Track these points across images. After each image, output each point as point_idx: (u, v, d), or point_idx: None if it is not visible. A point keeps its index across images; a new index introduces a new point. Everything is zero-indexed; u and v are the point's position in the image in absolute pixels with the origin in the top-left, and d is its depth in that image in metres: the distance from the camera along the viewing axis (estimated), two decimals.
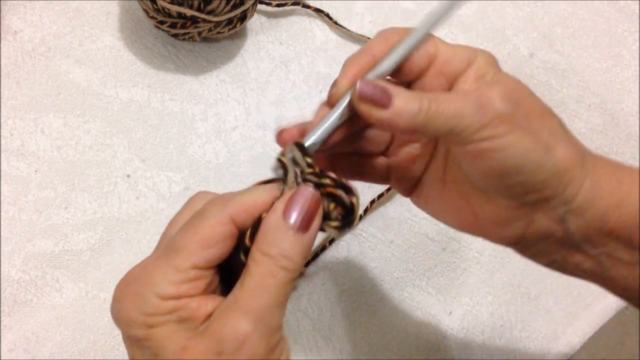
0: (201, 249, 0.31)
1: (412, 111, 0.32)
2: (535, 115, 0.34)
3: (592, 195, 0.34)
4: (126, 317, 0.31)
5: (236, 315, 0.29)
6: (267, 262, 0.30)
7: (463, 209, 0.37)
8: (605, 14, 0.69)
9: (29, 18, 0.60)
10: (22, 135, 0.56)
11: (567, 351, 0.56)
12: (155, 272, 0.31)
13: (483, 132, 0.32)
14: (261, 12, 0.64)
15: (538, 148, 0.33)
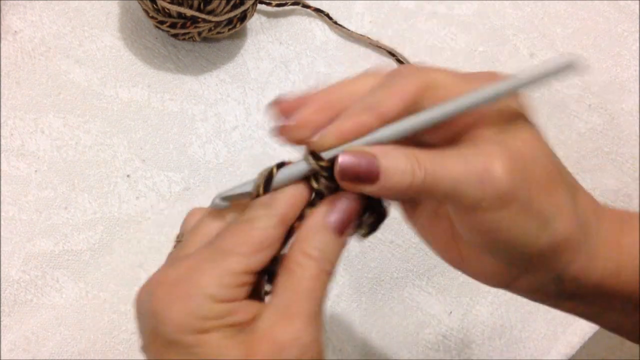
0: (254, 252, 0.30)
1: (404, 185, 0.30)
2: (541, 184, 0.31)
3: (586, 266, 0.33)
4: (176, 321, 0.29)
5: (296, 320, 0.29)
6: (312, 264, 0.30)
7: (452, 249, 0.36)
8: (605, 14, 0.69)
9: (29, 18, 0.60)
10: (22, 135, 0.56)
11: (567, 351, 0.56)
12: (205, 274, 0.30)
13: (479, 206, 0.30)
14: (261, 12, 0.64)
15: (534, 225, 0.31)
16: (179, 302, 0.30)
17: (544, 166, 0.32)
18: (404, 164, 0.29)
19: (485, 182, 0.30)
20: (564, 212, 0.32)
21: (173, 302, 0.30)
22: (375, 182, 0.30)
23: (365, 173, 0.29)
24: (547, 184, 0.32)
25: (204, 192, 0.56)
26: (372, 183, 0.30)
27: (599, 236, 0.33)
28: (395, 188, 0.30)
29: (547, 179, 0.32)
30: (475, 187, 0.30)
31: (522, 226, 0.31)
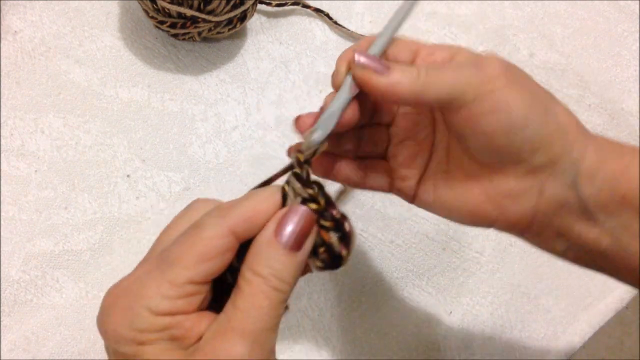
0: (198, 262, 0.29)
1: (411, 77, 0.33)
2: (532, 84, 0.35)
3: (598, 158, 0.34)
4: (114, 332, 0.29)
5: (230, 337, 0.28)
6: (259, 282, 0.29)
7: (472, 190, 0.37)
8: (605, 14, 0.69)
9: (29, 18, 0.60)
10: (22, 135, 0.56)
11: (567, 351, 0.56)
12: (148, 285, 0.30)
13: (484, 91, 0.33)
14: (261, 12, 0.64)
15: (539, 105, 0.34)
16: (119, 314, 0.30)
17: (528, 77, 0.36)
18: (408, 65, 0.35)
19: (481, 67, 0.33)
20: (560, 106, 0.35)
21: (114, 314, 0.30)
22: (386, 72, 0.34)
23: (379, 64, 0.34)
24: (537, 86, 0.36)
25: (204, 192, 0.56)
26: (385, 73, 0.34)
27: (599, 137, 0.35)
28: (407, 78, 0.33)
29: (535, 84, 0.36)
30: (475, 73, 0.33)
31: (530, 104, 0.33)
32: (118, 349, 0.30)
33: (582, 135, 0.35)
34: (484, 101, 0.33)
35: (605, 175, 0.34)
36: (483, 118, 0.33)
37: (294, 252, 0.30)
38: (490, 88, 0.33)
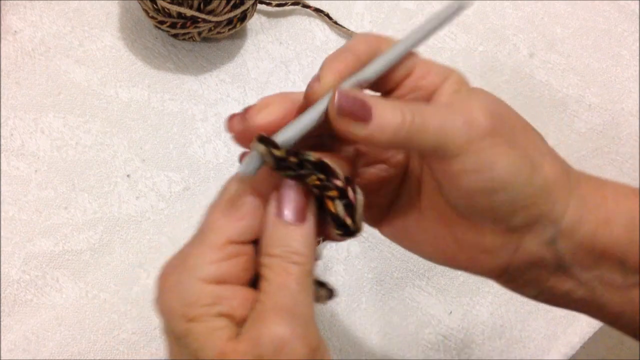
0: (230, 222, 0.30)
1: (395, 125, 0.30)
2: (519, 129, 0.33)
3: (579, 213, 0.33)
4: (167, 309, 0.30)
5: (269, 317, 0.29)
6: (277, 262, 0.30)
7: (445, 238, 0.35)
8: (605, 14, 0.69)
9: (29, 18, 0.60)
10: (22, 135, 0.56)
11: (567, 351, 0.56)
12: (191, 255, 0.30)
13: (469, 148, 0.31)
14: (261, 12, 0.64)
15: (525, 163, 0.32)
16: (170, 290, 0.30)
17: (516, 115, 0.34)
18: (392, 105, 0.31)
19: (471, 121, 0.31)
20: (547, 157, 0.33)
21: (165, 291, 0.30)
22: (369, 120, 0.30)
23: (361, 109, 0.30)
24: (524, 128, 0.34)
25: (204, 192, 0.56)
26: (366, 121, 0.30)
27: (582, 184, 0.34)
28: (390, 126, 0.30)
29: (523, 125, 0.34)
30: (462, 126, 0.31)
31: (512, 164, 0.31)
32: (172, 329, 0.30)
33: (566, 189, 0.33)
34: (467, 158, 0.31)
35: (585, 231, 0.33)
36: (464, 176, 0.32)
37: (301, 224, 0.31)
38: (476, 148, 0.31)
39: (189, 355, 0.29)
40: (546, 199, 0.32)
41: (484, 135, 0.31)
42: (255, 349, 0.28)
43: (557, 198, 0.33)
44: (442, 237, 0.36)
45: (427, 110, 0.31)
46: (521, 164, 0.32)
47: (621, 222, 0.33)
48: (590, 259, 0.33)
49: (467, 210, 0.33)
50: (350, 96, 0.31)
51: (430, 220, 0.36)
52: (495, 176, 0.31)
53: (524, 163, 0.32)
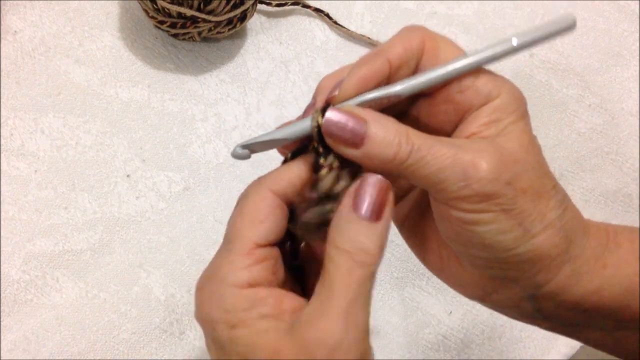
0: (253, 227, 0.30)
1: (385, 158, 0.29)
2: (528, 194, 0.30)
3: (567, 283, 0.32)
4: (208, 318, 0.30)
5: (326, 318, 0.28)
6: (345, 259, 0.29)
7: (433, 251, 0.35)
8: (605, 13, 0.69)
9: (29, 18, 0.60)
10: (22, 135, 0.56)
11: (567, 351, 0.56)
12: (222, 266, 0.30)
13: (460, 203, 0.30)
14: (261, 12, 0.64)
15: (514, 231, 0.30)
16: (208, 300, 0.30)
17: (535, 174, 0.31)
18: (392, 134, 0.29)
19: (468, 177, 0.29)
20: (548, 224, 0.31)
21: (206, 301, 0.30)
22: (360, 146, 0.29)
23: (350, 134, 0.29)
24: (535, 192, 0.31)
25: (204, 192, 0.56)
26: (356, 147, 0.29)
27: (583, 254, 0.32)
28: (379, 157, 0.29)
29: (537, 186, 0.31)
30: (457, 179, 0.29)
31: (501, 230, 0.30)
32: (215, 337, 0.30)
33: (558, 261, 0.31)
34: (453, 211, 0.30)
35: (569, 297, 0.32)
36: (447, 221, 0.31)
37: (375, 223, 0.29)
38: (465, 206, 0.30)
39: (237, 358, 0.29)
40: (528, 268, 0.31)
41: (479, 196, 0.29)
42: (309, 349, 0.28)
43: (542, 268, 0.31)
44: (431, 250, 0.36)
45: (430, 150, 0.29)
46: (509, 230, 0.30)
47: (615, 290, 0.32)
48: (571, 315, 0.33)
49: (450, 244, 0.33)
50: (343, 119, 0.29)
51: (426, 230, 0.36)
52: (477, 234, 0.30)
53: (513, 230, 0.30)
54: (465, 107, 0.31)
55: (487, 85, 0.31)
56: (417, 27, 0.32)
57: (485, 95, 0.31)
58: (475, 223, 0.30)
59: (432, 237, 0.36)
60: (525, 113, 0.32)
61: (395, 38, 0.31)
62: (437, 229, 0.34)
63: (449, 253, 0.35)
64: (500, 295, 0.34)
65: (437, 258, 0.36)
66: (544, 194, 0.31)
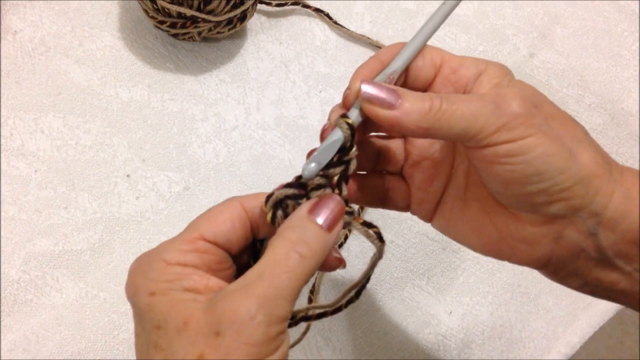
0: (207, 222, 0.32)
1: (422, 110, 0.32)
2: (557, 119, 0.32)
3: (624, 206, 0.32)
4: (133, 286, 0.31)
5: (239, 297, 0.29)
6: (284, 245, 0.30)
7: (486, 228, 0.36)
8: (605, 13, 0.69)
9: (29, 18, 0.60)
10: (22, 135, 0.56)
11: (567, 351, 0.56)
12: (165, 245, 0.32)
13: (500, 135, 0.31)
14: (261, 12, 0.64)
15: (560, 152, 0.31)
16: (137, 270, 0.32)
17: (555, 107, 0.33)
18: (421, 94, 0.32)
19: (502, 107, 0.31)
20: (586, 144, 0.33)
21: (135, 271, 0.32)
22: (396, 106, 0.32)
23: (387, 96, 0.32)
24: (561, 118, 0.33)
25: (204, 192, 0.56)
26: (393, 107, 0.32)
27: (626, 179, 0.33)
28: (417, 111, 0.32)
29: (560, 114, 0.33)
30: (492, 113, 0.31)
31: (548, 152, 0.31)
32: (136, 304, 0.31)
33: (608, 179, 0.32)
34: (498, 147, 0.31)
35: (629, 224, 0.32)
36: (497, 163, 0.32)
37: (326, 232, 0.31)
38: (507, 136, 0.31)
39: (150, 328, 0.30)
40: (585, 189, 0.32)
41: (516, 122, 0.31)
42: (217, 319, 0.29)
43: (598, 189, 0.32)
44: (484, 227, 0.36)
45: (457, 97, 0.32)
46: (556, 151, 0.31)
47: None
48: (634, 250, 0.33)
49: (505, 199, 0.34)
50: (376, 84, 0.33)
51: (474, 211, 0.37)
52: (527, 165, 0.31)
53: (559, 151, 0.31)
54: (463, 83, 0.35)
55: (473, 62, 0.35)
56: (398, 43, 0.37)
57: (474, 68, 0.35)
58: (523, 151, 0.31)
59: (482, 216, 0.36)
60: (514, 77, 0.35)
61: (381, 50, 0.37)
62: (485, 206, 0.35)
63: (505, 219, 0.35)
64: (566, 241, 0.33)
65: (495, 232, 0.36)
66: (569, 121, 0.33)
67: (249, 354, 0.28)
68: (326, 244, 0.31)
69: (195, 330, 0.29)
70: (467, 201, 0.37)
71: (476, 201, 0.36)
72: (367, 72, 0.35)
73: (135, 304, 0.31)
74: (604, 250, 0.33)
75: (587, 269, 0.34)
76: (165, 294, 0.30)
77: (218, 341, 0.28)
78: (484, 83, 0.34)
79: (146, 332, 0.30)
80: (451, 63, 0.35)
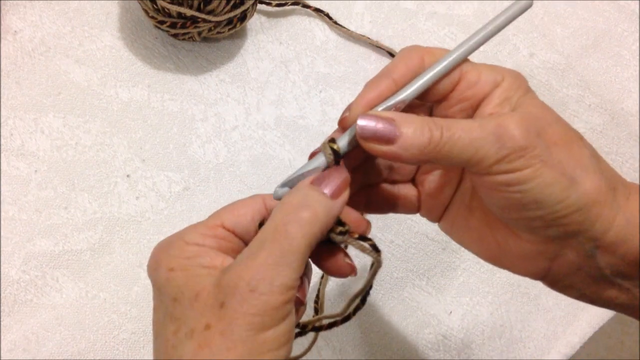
0: (229, 212, 0.34)
1: (421, 144, 0.31)
2: (560, 145, 0.32)
3: (625, 231, 0.32)
4: (154, 261, 0.32)
5: (241, 268, 0.29)
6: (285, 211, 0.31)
7: (487, 239, 0.36)
8: (605, 13, 0.69)
9: (29, 18, 0.60)
10: (22, 135, 0.56)
11: (567, 351, 0.56)
12: (187, 228, 0.34)
13: (500, 166, 0.31)
14: (261, 12, 0.64)
15: (560, 181, 0.31)
16: (160, 249, 0.33)
17: (560, 127, 0.33)
18: (420, 123, 0.31)
19: (500, 138, 0.31)
20: (589, 170, 0.32)
21: (156, 251, 0.33)
22: (395, 141, 0.31)
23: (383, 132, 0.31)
24: (566, 142, 0.32)
25: (204, 192, 0.56)
26: (392, 142, 0.31)
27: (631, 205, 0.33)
28: (416, 145, 0.31)
29: (566, 137, 0.33)
30: (492, 144, 0.31)
31: (547, 182, 0.31)
32: (156, 279, 0.32)
33: (610, 206, 0.32)
34: (498, 177, 0.31)
35: (628, 247, 0.32)
36: (496, 190, 0.32)
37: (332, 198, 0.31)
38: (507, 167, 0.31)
39: (168, 301, 0.31)
40: (584, 216, 0.32)
41: (516, 154, 0.31)
42: (224, 289, 0.29)
43: (598, 217, 0.32)
44: (485, 238, 0.36)
45: (459, 126, 0.31)
46: (554, 181, 0.31)
47: None
48: (633, 271, 0.33)
49: (503, 219, 0.34)
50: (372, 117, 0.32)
51: (477, 221, 0.37)
52: (525, 192, 0.31)
53: (559, 180, 0.31)
54: (479, 99, 0.34)
55: (491, 74, 0.34)
56: (415, 46, 0.35)
57: (492, 82, 0.34)
58: (521, 182, 0.31)
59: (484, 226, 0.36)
60: (529, 88, 0.34)
61: (396, 59, 0.34)
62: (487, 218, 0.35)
63: (504, 234, 0.35)
64: (563, 259, 0.34)
65: (494, 244, 0.36)
66: (575, 143, 0.33)
67: (252, 324, 0.29)
68: (330, 209, 0.31)
69: (205, 301, 0.30)
70: (472, 209, 0.37)
71: (480, 211, 0.36)
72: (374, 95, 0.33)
73: (156, 278, 0.32)
74: (602, 270, 0.33)
75: (585, 284, 0.34)
76: (184, 269, 0.31)
77: (222, 312, 0.29)
78: (494, 98, 0.33)
79: (164, 305, 0.31)
80: (469, 77, 0.34)
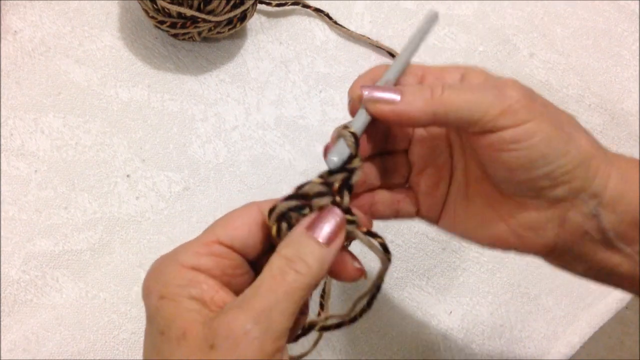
0: (224, 227, 0.32)
1: (425, 97, 0.33)
2: (550, 107, 0.34)
3: (621, 187, 0.34)
4: (146, 287, 0.32)
5: (235, 312, 0.29)
6: (281, 263, 0.30)
7: (493, 220, 0.37)
8: (605, 13, 0.69)
9: (29, 18, 0.60)
10: (22, 135, 0.56)
11: (567, 351, 0.56)
12: (181, 247, 0.32)
13: (504, 118, 0.32)
14: (261, 12, 0.64)
15: (561, 135, 0.33)
16: (153, 272, 0.32)
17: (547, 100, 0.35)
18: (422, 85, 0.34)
19: (503, 93, 0.32)
20: (579, 129, 0.34)
21: (149, 274, 0.32)
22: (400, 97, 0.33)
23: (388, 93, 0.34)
24: (558, 110, 0.35)
25: (204, 192, 0.56)
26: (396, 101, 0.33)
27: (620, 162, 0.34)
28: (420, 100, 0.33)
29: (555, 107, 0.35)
30: (495, 99, 0.32)
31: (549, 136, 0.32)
32: (147, 306, 0.31)
33: (604, 162, 0.34)
34: (503, 132, 0.32)
35: (627, 205, 0.34)
36: (503, 149, 0.33)
37: (325, 246, 0.31)
38: (510, 121, 0.32)
39: (156, 332, 0.30)
40: (585, 170, 0.33)
41: (518, 104, 0.32)
42: (213, 334, 0.29)
43: (597, 171, 0.33)
44: (490, 220, 0.37)
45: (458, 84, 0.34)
46: (556, 135, 0.33)
47: None
48: (633, 231, 0.34)
49: (510, 186, 0.35)
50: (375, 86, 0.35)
51: (478, 206, 0.37)
52: (533, 148, 0.32)
53: (560, 135, 0.33)
54: None
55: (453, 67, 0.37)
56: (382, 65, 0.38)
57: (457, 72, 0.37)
58: (529, 136, 0.32)
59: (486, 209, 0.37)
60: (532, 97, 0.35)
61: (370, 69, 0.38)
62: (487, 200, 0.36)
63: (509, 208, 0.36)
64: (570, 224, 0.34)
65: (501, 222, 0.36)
66: (562, 110, 0.35)
67: None
68: (324, 258, 0.31)
69: (193, 341, 0.29)
70: (470, 197, 0.38)
71: (479, 196, 0.37)
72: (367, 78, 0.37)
73: (148, 305, 0.31)
74: (606, 232, 0.34)
75: (591, 251, 0.35)
76: (174, 299, 0.30)
77: (212, 354, 0.28)
78: (472, 80, 0.36)
79: (152, 335, 0.31)
80: (433, 71, 0.37)
